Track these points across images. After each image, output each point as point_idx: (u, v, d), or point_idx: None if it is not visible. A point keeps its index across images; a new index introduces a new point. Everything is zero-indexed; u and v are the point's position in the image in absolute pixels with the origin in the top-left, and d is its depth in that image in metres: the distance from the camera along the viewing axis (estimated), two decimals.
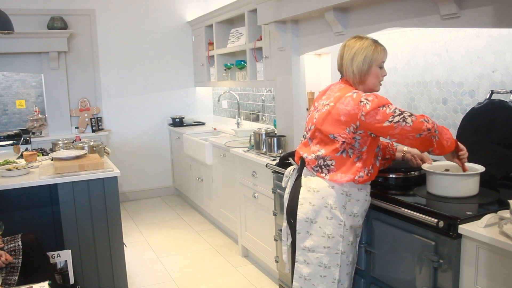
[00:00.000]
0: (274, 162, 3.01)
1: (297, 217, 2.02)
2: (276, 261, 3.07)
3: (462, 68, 2.44)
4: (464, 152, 1.96)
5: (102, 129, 5.39)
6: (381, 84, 2.03)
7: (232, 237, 4.17)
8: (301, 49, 3.18)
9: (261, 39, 3.86)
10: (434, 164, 2.15)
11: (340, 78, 2.08)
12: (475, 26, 1.92)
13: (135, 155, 5.68)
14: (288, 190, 2.20)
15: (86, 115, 5.33)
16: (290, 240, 2.26)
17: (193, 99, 5.94)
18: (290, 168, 2.24)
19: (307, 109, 3.37)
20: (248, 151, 3.52)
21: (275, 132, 3.50)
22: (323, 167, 1.98)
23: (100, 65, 5.39)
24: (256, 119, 4.81)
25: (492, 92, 2.20)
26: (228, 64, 4.73)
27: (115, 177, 2.98)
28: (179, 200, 5.65)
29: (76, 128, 5.19)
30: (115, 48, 5.44)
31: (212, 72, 5.12)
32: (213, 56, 5.04)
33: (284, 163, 2.90)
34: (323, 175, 1.98)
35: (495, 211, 1.71)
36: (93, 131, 5.34)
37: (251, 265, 3.62)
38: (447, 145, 1.89)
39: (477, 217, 1.71)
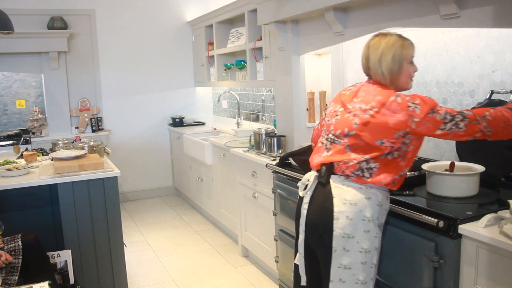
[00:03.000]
0: (274, 162, 3.00)
1: (333, 233, 1.84)
2: (276, 261, 3.07)
3: (462, 68, 2.44)
4: None
5: (102, 129, 5.39)
6: (412, 81, 1.90)
7: (232, 237, 4.17)
8: (301, 49, 3.18)
9: (261, 39, 3.86)
10: (434, 164, 2.15)
11: (368, 79, 1.95)
12: (475, 26, 1.92)
13: (135, 155, 5.68)
14: (306, 200, 1.97)
15: (86, 115, 5.33)
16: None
17: (193, 99, 5.94)
18: (309, 175, 2.01)
19: (307, 109, 3.37)
20: (248, 151, 3.52)
21: (275, 132, 3.50)
22: (365, 170, 1.83)
23: (100, 65, 5.39)
24: (256, 119, 4.81)
25: (492, 92, 2.20)
26: (228, 64, 4.73)
27: (115, 177, 2.98)
28: (179, 200, 5.65)
29: (76, 128, 5.19)
30: (115, 48, 5.44)
31: (212, 72, 5.11)
32: (213, 56, 5.04)
33: (284, 163, 2.90)
34: (365, 178, 1.83)
35: (495, 211, 1.71)
36: (93, 131, 5.34)
37: (251, 265, 3.62)
38: (505, 135, 1.76)
39: (477, 217, 1.71)
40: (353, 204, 1.83)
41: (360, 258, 1.85)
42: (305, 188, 1.99)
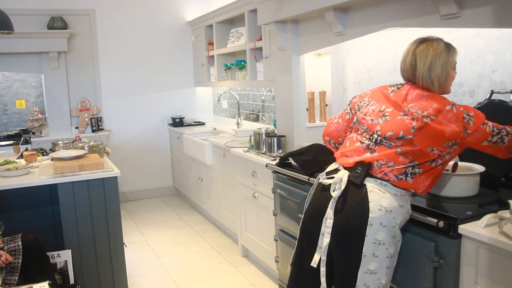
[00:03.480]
0: (274, 162, 3.00)
1: (366, 239, 1.81)
2: (276, 261, 3.07)
3: (462, 68, 2.44)
4: None
5: (102, 129, 5.39)
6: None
7: (232, 237, 4.17)
8: (301, 49, 3.18)
9: (261, 39, 3.86)
10: None
11: (407, 82, 1.94)
12: (475, 26, 1.92)
13: (135, 155, 5.68)
14: (334, 200, 1.89)
15: (86, 115, 5.33)
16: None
17: (193, 99, 5.94)
18: (342, 174, 1.91)
19: (307, 109, 3.37)
20: (248, 151, 3.52)
21: (275, 132, 3.50)
22: (409, 174, 1.82)
23: (100, 65, 5.39)
24: (256, 119, 4.81)
25: (492, 92, 2.20)
26: (228, 64, 4.73)
27: (115, 177, 2.98)
28: (179, 200, 5.65)
29: (76, 128, 5.19)
30: (115, 48, 5.44)
31: (212, 72, 5.11)
32: (213, 56, 5.04)
33: (284, 163, 2.90)
34: (407, 181, 1.82)
35: (495, 211, 1.71)
36: (93, 131, 5.34)
37: (251, 265, 3.62)
38: None
39: (477, 217, 1.71)
40: (389, 212, 1.80)
41: (386, 263, 1.84)
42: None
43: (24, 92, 5.53)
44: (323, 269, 1.93)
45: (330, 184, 1.92)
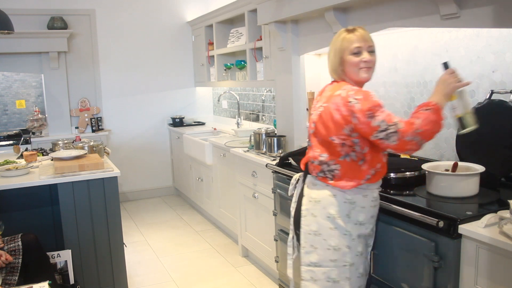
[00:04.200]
0: (274, 162, 3.00)
1: (301, 230, 1.93)
2: (276, 261, 3.07)
3: (462, 68, 2.43)
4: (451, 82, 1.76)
5: (102, 129, 5.39)
6: (366, 72, 1.85)
7: (232, 237, 4.17)
8: (301, 49, 3.18)
9: (261, 39, 3.86)
10: (434, 164, 2.15)
11: None
12: (475, 26, 1.92)
13: (135, 155, 5.68)
14: (294, 199, 2.08)
15: (86, 115, 5.33)
16: (296, 254, 2.13)
17: (193, 99, 5.94)
18: (296, 176, 2.13)
19: (307, 109, 3.37)
20: (248, 151, 3.52)
21: (275, 132, 3.50)
22: (327, 172, 1.88)
23: (100, 65, 5.39)
24: (256, 119, 4.81)
25: (492, 92, 2.20)
26: (228, 64, 4.73)
27: (115, 177, 2.98)
28: (179, 200, 5.65)
29: (76, 128, 5.19)
30: (115, 48, 5.44)
31: (212, 72, 5.11)
32: (213, 56, 5.04)
33: (284, 163, 2.90)
34: (328, 180, 1.88)
35: (495, 211, 1.71)
36: (93, 131, 5.34)
37: (251, 265, 3.62)
38: (433, 136, 1.75)
39: (477, 217, 1.71)
40: (317, 202, 1.89)
41: (329, 256, 1.88)
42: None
43: (24, 92, 5.53)
44: (289, 262, 2.16)
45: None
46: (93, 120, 5.34)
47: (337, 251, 1.87)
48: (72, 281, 2.86)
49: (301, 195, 2.00)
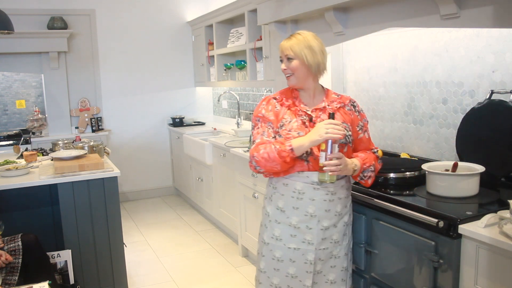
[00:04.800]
0: None
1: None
2: None
3: (462, 68, 2.44)
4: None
5: (102, 129, 5.39)
6: (288, 80, 1.94)
7: (232, 237, 4.17)
8: None
9: (261, 39, 3.86)
10: (434, 164, 2.15)
11: None
12: (475, 26, 1.92)
13: (135, 155, 5.68)
14: None
15: (86, 115, 5.33)
16: None
17: (193, 99, 5.94)
18: None
19: None
20: (248, 151, 3.52)
21: None
22: None
23: (100, 65, 5.39)
24: None
25: (492, 92, 2.20)
26: (228, 64, 4.73)
27: (115, 177, 2.98)
28: (179, 200, 5.65)
29: (76, 128, 5.19)
30: (115, 48, 5.44)
31: (212, 72, 5.11)
32: (213, 56, 5.04)
33: None
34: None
35: (495, 211, 1.71)
36: (93, 131, 5.34)
37: (251, 265, 3.62)
38: (272, 171, 1.89)
39: (477, 217, 1.71)
40: (264, 206, 2.08)
41: (272, 265, 2.00)
42: None
43: (24, 92, 5.53)
44: None
45: None
46: (93, 120, 5.34)
47: (261, 227, 2.07)
48: (72, 281, 2.86)
49: None
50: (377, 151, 2.07)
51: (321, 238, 1.93)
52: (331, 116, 1.83)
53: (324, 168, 1.79)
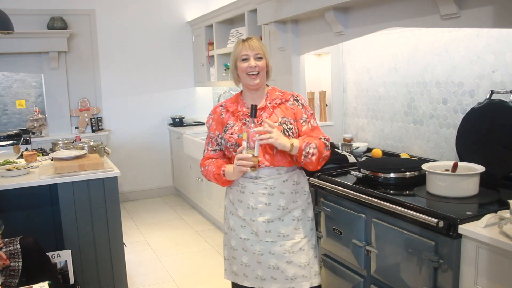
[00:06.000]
0: None
1: None
2: None
3: (462, 68, 2.44)
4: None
5: (102, 129, 5.39)
6: (252, 79, 2.01)
7: None
8: (301, 49, 3.19)
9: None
10: (434, 164, 2.15)
11: None
12: (475, 26, 1.92)
13: (135, 155, 5.68)
14: None
15: (86, 115, 5.33)
16: None
17: (193, 99, 5.94)
18: None
19: None
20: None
21: None
22: None
23: (100, 65, 5.39)
24: None
25: (492, 92, 2.20)
26: (228, 64, 4.72)
27: (115, 177, 2.98)
28: (179, 200, 5.65)
29: (76, 128, 5.18)
30: (115, 48, 5.44)
31: (212, 72, 5.11)
32: (213, 56, 5.04)
33: None
34: None
35: (495, 211, 1.71)
36: (93, 131, 5.34)
37: None
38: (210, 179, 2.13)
39: (477, 217, 1.71)
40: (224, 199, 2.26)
41: (231, 253, 2.12)
42: None
43: (24, 92, 5.53)
44: None
45: None
46: (93, 120, 5.34)
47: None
48: (72, 281, 2.86)
49: None
50: (325, 138, 2.02)
51: (265, 230, 1.98)
52: (252, 112, 1.92)
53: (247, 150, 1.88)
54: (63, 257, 2.86)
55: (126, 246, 3.18)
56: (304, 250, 2.00)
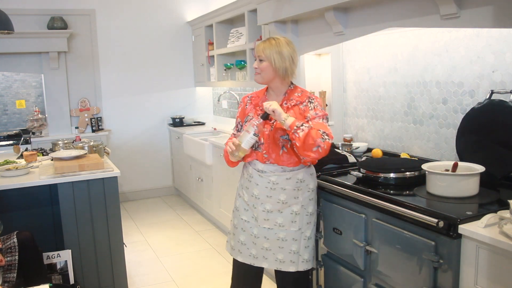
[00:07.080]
0: None
1: None
2: None
3: (462, 68, 2.44)
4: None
5: (102, 129, 5.39)
6: (255, 76, 2.22)
7: None
8: (301, 49, 3.18)
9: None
10: (434, 164, 2.15)
11: None
12: (475, 26, 1.92)
13: (135, 155, 5.68)
14: None
15: (86, 115, 5.33)
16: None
17: (193, 99, 5.94)
18: None
19: None
20: None
21: None
22: None
23: (100, 65, 5.39)
24: None
25: (492, 92, 2.20)
26: (228, 64, 4.73)
27: (115, 177, 2.98)
28: (179, 200, 5.65)
29: (76, 128, 5.18)
30: (115, 48, 5.44)
31: (212, 72, 5.11)
32: (213, 56, 5.04)
33: None
34: None
35: (495, 211, 1.71)
36: (93, 131, 5.34)
37: None
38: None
39: (477, 217, 1.71)
40: None
41: (233, 229, 2.42)
42: None
43: (24, 92, 5.53)
44: None
45: None
46: (93, 120, 5.34)
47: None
48: (72, 281, 2.86)
49: None
50: (325, 133, 2.04)
51: (264, 218, 2.21)
52: (263, 115, 2.12)
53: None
54: (63, 257, 2.87)
55: (126, 246, 3.18)
56: (297, 240, 2.22)
